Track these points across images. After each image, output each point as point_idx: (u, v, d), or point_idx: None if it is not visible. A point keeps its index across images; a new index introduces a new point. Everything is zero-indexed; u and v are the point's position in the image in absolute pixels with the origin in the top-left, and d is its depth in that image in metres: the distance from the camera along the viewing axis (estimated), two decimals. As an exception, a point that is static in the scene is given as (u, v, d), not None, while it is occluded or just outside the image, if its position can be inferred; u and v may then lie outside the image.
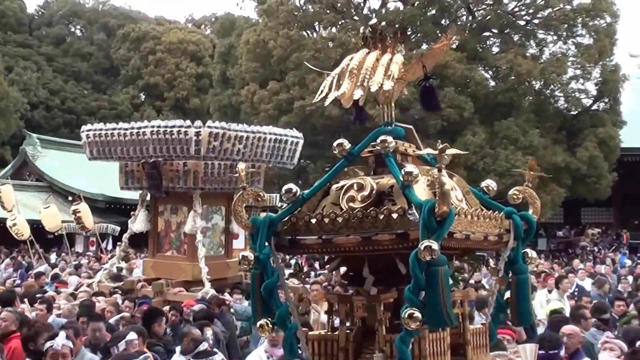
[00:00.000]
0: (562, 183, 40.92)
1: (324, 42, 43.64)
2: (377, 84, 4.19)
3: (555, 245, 49.17)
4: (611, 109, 45.80)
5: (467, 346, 4.49)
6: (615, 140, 44.05)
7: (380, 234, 3.90)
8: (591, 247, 46.69)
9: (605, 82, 44.28)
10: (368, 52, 4.42)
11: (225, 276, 18.93)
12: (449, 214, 3.72)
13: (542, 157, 38.81)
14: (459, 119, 38.26)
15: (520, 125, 40.03)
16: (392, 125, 4.46)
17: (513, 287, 4.51)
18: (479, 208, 4.31)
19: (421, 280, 3.70)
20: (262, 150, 18.18)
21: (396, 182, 4.05)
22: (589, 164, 41.57)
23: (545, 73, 41.42)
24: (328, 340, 4.40)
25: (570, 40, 44.52)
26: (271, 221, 4.16)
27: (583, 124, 44.09)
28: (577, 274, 22.62)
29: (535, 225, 4.56)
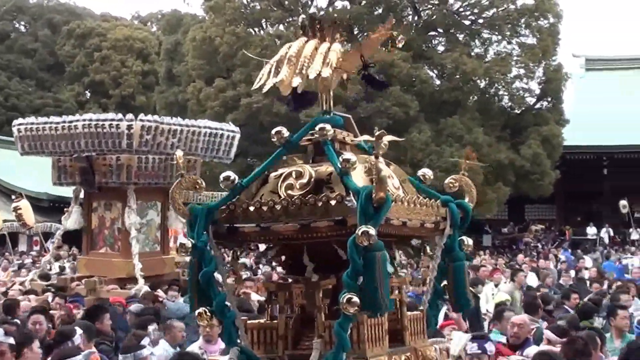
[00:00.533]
0: (507, 180, 41.35)
1: (271, 39, 43.52)
2: (316, 71, 4.19)
3: (499, 241, 49.64)
4: (554, 107, 46.34)
5: (405, 332, 4.52)
6: (558, 138, 44.57)
7: (318, 221, 3.92)
8: (534, 243, 47.20)
9: (548, 81, 44.79)
10: (307, 40, 4.43)
11: (162, 273, 18.40)
12: (386, 200, 3.74)
13: (486, 154, 39.11)
14: (404, 117, 38.38)
15: (465, 123, 40.29)
16: (330, 113, 4.47)
17: (450, 274, 4.56)
18: (416, 196, 4.33)
19: (359, 266, 3.72)
20: (197, 144, 17.68)
21: (334, 169, 4.07)
22: (532, 161, 42.01)
23: (490, 72, 41.77)
24: (267, 328, 4.40)
25: (515, 40, 44.91)
26: (209, 209, 4.14)
27: (527, 122, 44.52)
28: (523, 268, 22.87)
29: (470, 213, 4.61)
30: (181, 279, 17.64)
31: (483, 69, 41.17)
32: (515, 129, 44.55)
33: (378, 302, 3.77)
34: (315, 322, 4.19)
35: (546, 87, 45.08)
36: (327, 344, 4.04)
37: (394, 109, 37.67)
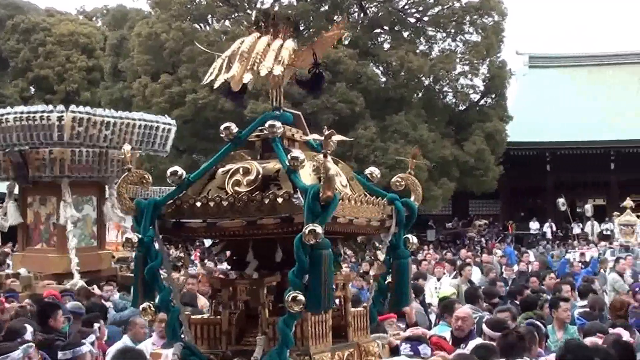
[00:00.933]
0: (451, 176, 41.76)
1: (217, 35, 43.35)
2: (267, 68, 4.18)
3: (444, 236, 50.00)
4: (498, 104, 46.93)
5: (348, 328, 4.52)
6: (501, 134, 45.17)
7: (265, 218, 3.91)
8: (478, 238, 47.62)
9: (492, 79, 45.31)
10: (259, 36, 4.40)
11: (98, 268, 17.88)
12: (333, 198, 3.75)
13: (431, 150, 39.47)
14: (350, 113, 38.51)
15: (410, 119, 40.53)
16: (280, 110, 4.45)
17: (394, 271, 4.59)
18: (363, 194, 4.35)
19: (305, 264, 3.73)
20: (132, 137, 17.00)
21: (282, 166, 4.06)
22: (476, 157, 42.46)
23: (435, 69, 42.09)
24: (211, 323, 4.38)
25: (459, 38, 45.30)
26: (155, 204, 4.10)
27: (471, 119, 44.98)
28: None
29: (416, 211, 4.63)
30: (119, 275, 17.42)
31: (428, 66, 41.47)
32: (459, 125, 45.04)
33: (322, 300, 3.78)
34: (259, 319, 4.17)
35: (490, 84, 45.62)
36: (270, 340, 4.04)
37: (340, 106, 37.79)
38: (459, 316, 9.39)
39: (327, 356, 4.18)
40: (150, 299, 4.13)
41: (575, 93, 57.78)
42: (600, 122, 52.89)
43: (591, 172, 51.59)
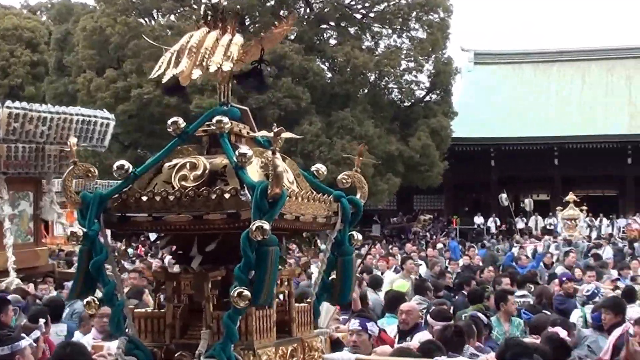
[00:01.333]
0: (397, 171, 42.09)
1: (162, 30, 43.10)
2: (217, 64, 4.18)
3: (389, 231, 50.28)
4: (443, 100, 47.47)
5: (292, 323, 4.56)
6: (446, 130, 45.70)
7: (211, 214, 3.93)
8: (423, 232, 47.97)
9: (437, 75, 45.78)
10: (208, 31, 4.39)
11: (35, 265, 17.72)
12: (281, 195, 3.79)
13: (376, 146, 39.76)
14: (296, 108, 38.65)
15: (355, 115, 40.76)
16: (228, 105, 4.46)
17: (339, 267, 4.63)
18: (309, 191, 4.38)
19: (252, 260, 3.76)
20: (69, 132, 16.69)
21: (229, 162, 4.07)
22: (421, 153, 42.91)
23: (380, 65, 42.37)
24: (155, 317, 4.37)
25: (405, 34, 45.68)
26: (101, 197, 4.09)
27: (416, 115, 45.42)
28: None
29: (362, 208, 4.67)
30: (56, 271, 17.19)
31: (373, 62, 41.77)
32: (404, 121, 45.40)
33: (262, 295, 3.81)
34: (203, 313, 4.18)
35: (435, 80, 46.09)
36: (215, 334, 4.05)
37: (286, 101, 37.91)
38: (404, 310, 9.53)
39: (271, 351, 4.20)
40: (90, 293, 4.12)
41: (520, 89, 58.56)
42: (545, 118, 53.75)
43: (535, 168, 52.39)
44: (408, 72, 45.20)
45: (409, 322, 9.38)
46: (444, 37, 45.46)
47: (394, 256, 23.31)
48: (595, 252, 25.91)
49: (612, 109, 55.18)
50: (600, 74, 59.52)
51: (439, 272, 18.74)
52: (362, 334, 7.76)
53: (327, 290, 4.75)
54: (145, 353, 4.15)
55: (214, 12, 4.47)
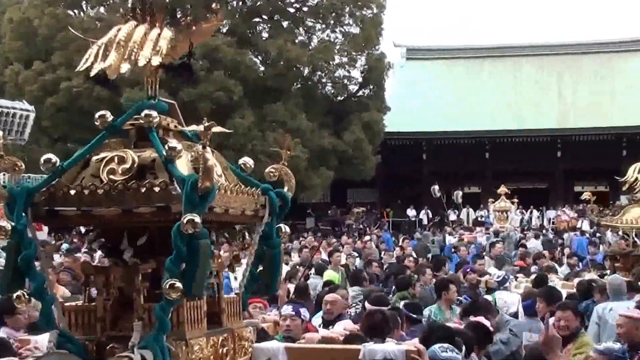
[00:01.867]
0: (330, 165, 42.28)
1: (91, 22, 42.55)
2: (145, 58, 4.18)
3: (322, 224, 50.43)
4: (376, 95, 47.82)
5: (222, 314, 4.62)
6: (379, 124, 46.07)
7: (141, 207, 3.95)
8: (357, 225, 48.20)
9: (370, 70, 46.09)
10: (136, 25, 4.37)
11: None
12: (211, 189, 3.83)
13: (309, 140, 39.91)
14: (228, 102, 38.50)
15: (288, 109, 40.82)
16: (156, 99, 4.46)
17: (266, 260, 4.71)
18: (238, 184, 4.43)
19: (183, 253, 3.80)
20: None
21: (158, 156, 4.10)
22: (354, 146, 43.17)
23: (314, 60, 42.46)
24: (85, 310, 4.38)
25: (338, 29, 45.84)
26: (28, 191, 4.09)
27: (349, 109, 45.68)
28: (344, 249, 24.16)
29: (289, 201, 4.73)
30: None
31: (307, 56, 41.84)
32: (337, 115, 45.61)
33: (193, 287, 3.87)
34: (134, 305, 4.21)
35: (368, 75, 46.40)
36: (146, 326, 4.07)
37: (218, 94, 37.76)
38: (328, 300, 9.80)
39: (202, 341, 4.25)
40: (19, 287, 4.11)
41: (452, 85, 59.27)
42: (476, 113, 54.50)
43: (467, 161, 53.12)
44: (341, 67, 45.43)
45: (334, 312, 9.66)
46: (376, 32, 45.76)
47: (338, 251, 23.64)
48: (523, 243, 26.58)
49: (543, 104, 56.18)
50: (532, 70, 60.57)
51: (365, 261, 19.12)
52: (296, 319, 8.02)
53: (255, 282, 4.82)
54: (77, 346, 4.15)
55: (142, 6, 4.43)
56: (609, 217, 16.95)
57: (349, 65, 45.56)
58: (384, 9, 46.30)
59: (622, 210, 16.68)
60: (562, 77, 59.18)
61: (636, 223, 15.56)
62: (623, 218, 16.04)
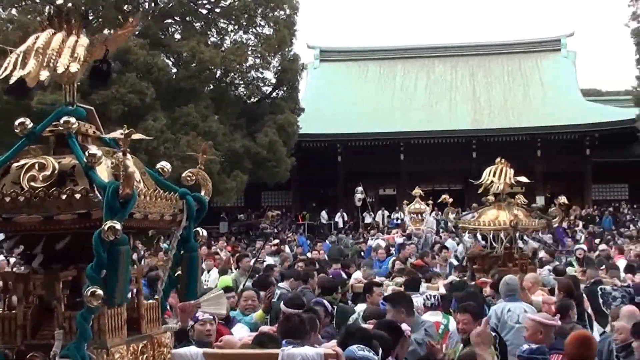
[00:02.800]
0: (243, 168, 42.12)
1: (3, 24, 41.75)
2: (64, 65, 4.24)
3: (236, 228, 50.28)
4: (289, 97, 47.87)
5: (141, 320, 4.68)
6: (293, 126, 46.05)
7: (62, 214, 4.00)
8: (271, 228, 48.17)
9: (284, 71, 46.10)
10: (54, 32, 4.44)
11: None
12: (132, 195, 3.91)
13: (221, 143, 39.74)
14: (140, 104, 38.02)
15: (200, 111, 40.52)
16: (74, 105, 4.52)
17: (184, 263, 4.81)
18: (156, 189, 4.50)
19: (104, 260, 3.87)
20: None
21: (79, 163, 4.15)
22: (268, 149, 43.07)
23: (226, 61, 42.22)
24: (5, 318, 4.40)
25: (251, 30, 45.68)
26: (-52, 198, 4.10)
27: (263, 111, 45.62)
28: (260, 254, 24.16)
29: (207, 205, 4.84)
30: None
31: (219, 58, 41.58)
32: (251, 117, 45.50)
33: (120, 294, 3.94)
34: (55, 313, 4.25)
35: (282, 76, 46.41)
36: (67, 334, 4.13)
37: (130, 97, 37.27)
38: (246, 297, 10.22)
39: (123, 349, 4.31)
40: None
41: (366, 86, 59.72)
42: (390, 115, 54.93)
43: (382, 163, 53.30)
44: (254, 69, 45.35)
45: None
46: (290, 33, 45.79)
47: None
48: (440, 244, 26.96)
49: (457, 104, 56.93)
50: (445, 70, 61.26)
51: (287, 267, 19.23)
52: (214, 323, 8.23)
53: (174, 286, 4.90)
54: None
55: (58, 14, 4.51)
56: (467, 219, 17.52)
57: (262, 67, 45.44)
58: (297, 10, 46.33)
59: (478, 212, 17.17)
60: (475, 78, 60.00)
61: (493, 225, 15.89)
62: (480, 220, 16.40)
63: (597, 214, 49.01)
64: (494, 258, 15.94)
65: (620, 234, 38.57)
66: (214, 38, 46.11)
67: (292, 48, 46.96)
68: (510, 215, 15.80)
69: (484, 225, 16.15)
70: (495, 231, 15.97)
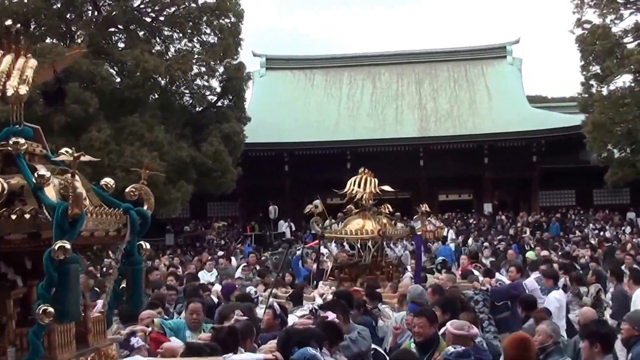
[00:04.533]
0: (189, 178, 41.99)
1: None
2: (13, 88, 4.37)
3: (182, 239, 50.10)
4: (235, 105, 47.99)
5: (88, 334, 4.82)
6: (239, 135, 46.08)
7: (13, 234, 4.11)
8: (218, 240, 48.05)
9: (229, 80, 46.19)
10: (3, 54, 4.53)
11: None
12: (81, 215, 4.03)
13: (167, 152, 39.65)
14: (83, 114, 37.70)
15: (146, 121, 40.32)
16: (21, 125, 4.61)
17: (129, 277, 4.92)
18: (101, 205, 4.62)
19: (54, 278, 3.97)
20: None
21: (28, 183, 4.24)
22: (214, 158, 42.98)
23: (171, 70, 42.13)
24: (-43, 336, 4.46)
25: (196, 38, 45.65)
26: None
27: (208, 120, 45.60)
28: (206, 266, 25.28)
29: (149, 219, 4.96)
30: None
31: (164, 66, 41.48)
32: (196, 126, 45.49)
33: (71, 311, 4.06)
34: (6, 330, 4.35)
35: (227, 85, 46.47)
36: (19, 350, 4.24)
37: (73, 107, 36.91)
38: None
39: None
40: None
41: (312, 94, 59.99)
42: (337, 123, 55.12)
43: (328, 171, 53.13)
44: (200, 77, 45.36)
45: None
46: (235, 42, 45.82)
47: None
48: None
49: (403, 112, 57.29)
50: (391, 78, 61.64)
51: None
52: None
53: (119, 299, 5.02)
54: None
55: (7, 35, 4.59)
56: (332, 228, 17.57)
57: (207, 75, 45.44)
58: (242, 18, 46.31)
59: (344, 221, 17.31)
60: (422, 85, 60.47)
61: (359, 234, 16.33)
62: (346, 229, 16.71)
63: (545, 220, 49.51)
64: (361, 267, 16.55)
65: (567, 241, 39.17)
66: (158, 47, 45.99)
67: (238, 56, 47.07)
68: (376, 224, 16.35)
69: (350, 234, 16.53)
70: (362, 240, 16.47)
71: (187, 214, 53.52)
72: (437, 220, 50.60)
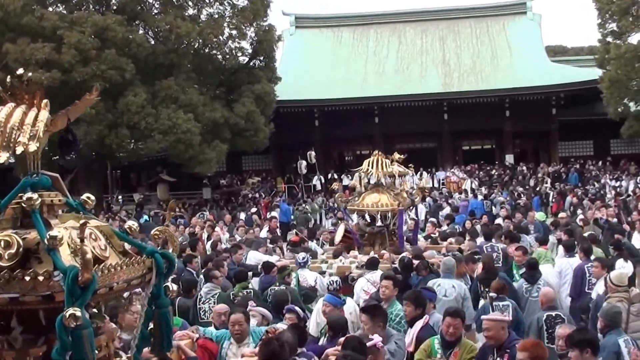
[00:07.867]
0: (223, 138, 42.05)
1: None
2: (23, 145, 4.15)
3: (218, 195, 50.29)
4: (266, 66, 47.79)
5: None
6: (270, 95, 46.01)
7: (27, 296, 3.94)
8: (252, 194, 48.18)
9: (260, 42, 45.90)
10: (15, 106, 4.32)
11: None
12: (91, 279, 3.85)
13: (201, 114, 39.72)
14: (120, 80, 37.68)
15: (180, 84, 40.27)
16: (38, 175, 4.39)
17: (156, 319, 4.75)
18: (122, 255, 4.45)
19: (67, 344, 3.83)
20: None
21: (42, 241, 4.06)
22: (246, 118, 43.05)
23: (204, 34, 41.88)
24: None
25: (227, 1, 45.27)
26: None
27: (241, 81, 45.45)
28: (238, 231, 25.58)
29: (175, 262, 4.77)
30: None
31: (197, 31, 41.17)
32: (229, 87, 45.50)
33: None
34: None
35: (258, 47, 46.23)
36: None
37: (110, 73, 36.96)
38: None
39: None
40: None
41: (340, 51, 59.77)
42: (364, 79, 54.93)
43: (357, 126, 53.53)
44: (231, 40, 45.06)
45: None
46: (264, 5, 45.58)
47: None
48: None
49: (427, 68, 56.98)
50: (415, 35, 61.23)
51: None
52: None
53: (146, 341, 4.86)
54: None
55: (19, 84, 4.37)
56: (352, 202, 19.37)
57: (238, 38, 45.19)
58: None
59: (361, 196, 19.03)
60: (445, 42, 60.15)
61: (375, 206, 18.33)
62: (364, 202, 18.64)
63: (564, 170, 49.29)
64: (379, 234, 18.27)
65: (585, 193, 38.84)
66: (191, 10, 45.68)
67: (267, 18, 46.75)
68: (390, 198, 18.46)
69: (367, 207, 18.50)
70: (382, 212, 18.30)
71: (223, 168, 53.81)
72: (460, 172, 50.83)
